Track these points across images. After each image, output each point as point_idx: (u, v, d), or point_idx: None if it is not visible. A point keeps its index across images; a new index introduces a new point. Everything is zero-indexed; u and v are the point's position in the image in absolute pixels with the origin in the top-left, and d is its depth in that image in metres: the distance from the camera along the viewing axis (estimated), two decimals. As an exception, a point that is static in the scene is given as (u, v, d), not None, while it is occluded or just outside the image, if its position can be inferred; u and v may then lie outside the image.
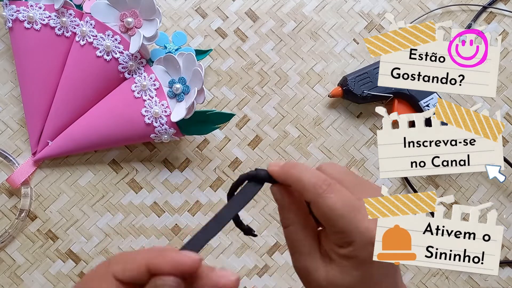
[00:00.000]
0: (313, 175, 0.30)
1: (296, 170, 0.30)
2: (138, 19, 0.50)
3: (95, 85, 0.52)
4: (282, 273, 0.55)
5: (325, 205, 0.29)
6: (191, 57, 0.49)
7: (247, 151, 0.56)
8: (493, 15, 0.60)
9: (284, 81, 0.57)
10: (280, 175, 0.31)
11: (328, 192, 0.29)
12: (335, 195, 0.29)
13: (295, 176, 0.30)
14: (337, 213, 0.28)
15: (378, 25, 0.59)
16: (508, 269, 0.57)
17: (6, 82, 0.55)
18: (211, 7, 0.57)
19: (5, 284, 0.52)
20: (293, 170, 0.30)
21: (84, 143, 0.52)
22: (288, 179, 0.31)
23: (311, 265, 0.31)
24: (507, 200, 0.58)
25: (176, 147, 0.55)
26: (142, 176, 0.55)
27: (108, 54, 0.51)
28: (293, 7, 0.58)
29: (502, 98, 0.59)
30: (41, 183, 0.54)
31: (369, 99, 0.55)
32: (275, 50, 0.58)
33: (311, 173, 0.30)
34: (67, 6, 0.51)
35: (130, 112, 0.51)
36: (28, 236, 0.53)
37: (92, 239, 0.54)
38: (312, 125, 0.57)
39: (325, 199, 0.29)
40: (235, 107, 0.56)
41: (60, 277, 0.53)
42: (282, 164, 0.31)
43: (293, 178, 0.30)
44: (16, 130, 0.54)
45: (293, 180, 0.30)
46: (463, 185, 0.58)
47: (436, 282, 0.56)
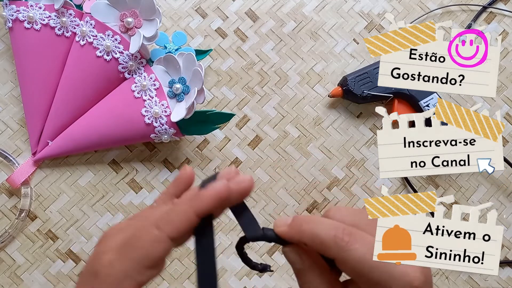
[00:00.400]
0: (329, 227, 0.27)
1: (310, 226, 0.27)
2: (138, 19, 0.50)
3: (95, 85, 0.52)
4: (282, 273, 0.55)
5: (352, 259, 0.26)
6: (191, 57, 0.49)
7: (247, 151, 0.56)
8: (493, 15, 0.60)
9: (284, 81, 0.57)
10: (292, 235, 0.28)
11: (351, 243, 0.26)
12: (359, 245, 0.26)
13: (310, 233, 0.27)
14: (368, 264, 0.26)
15: (378, 25, 0.59)
16: (508, 269, 0.57)
17: (6, 82, 0.55)
18: (211, 7, 0.57)
19: (5, 284, 0.52)
20: (306, 226, 0.27)
21: (84, 143, 0.52)
22: (303, 238, 0.27)
23: None
24: (507, 200, 0.58)
25: (176, 147, 0.55)
26: (142, 176, 0.55)
27: (108, 54, 0.51)
28: (293, 7, 0.58)
29: (502, 98, 0.59)
30: (41, 183, 0.54)
31: (369, 99, 0.55)
32: (275, 50, 0.58)
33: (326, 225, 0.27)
34: (67, 6, 0.51)
35: (130, 112, 0.51)
36: (28, 236, 0.53)
37: (92, 239, 0.54)
38: (312, 125, 0.57)
39: (352, 252, 0.26)
40: (235, 107, 0.56)
41: (60, 277, 0.53)
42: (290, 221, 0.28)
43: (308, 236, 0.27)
44: (16, 130, 0.54)
45: (309, 238, 0.27)
46: (463, 185, 0.58)
47: (436, 282, 0.56)
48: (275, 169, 0.56)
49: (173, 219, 0.26)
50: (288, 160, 0.56)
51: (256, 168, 0.56)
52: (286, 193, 0.56)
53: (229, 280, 0.54)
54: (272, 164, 0.56)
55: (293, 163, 0.56)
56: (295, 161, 0.56)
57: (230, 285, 0.54)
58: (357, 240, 0.26)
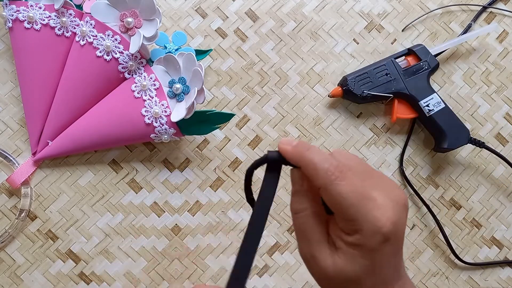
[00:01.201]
0: (326, 160, 0.30)
1: (310, 152, 0.30)
2: (138, 19, 0.50)
3: (95, 85, 0.52)
4: (282, 273, 0.54)
5: (336, 192, 0.29)
6: (191, 57, 0.49)
7: (247, 151, 0.56)
8: (493, 15, 0.60)
9: (284, 81, 0.57)
10: (293, 155, 0.31)
11: (340, 179, 0.29)
12: (346, 183, 0.29)
13: (308, 159, 0.30)
14: (348, 201, 0.28)
15: (378, 25, 0.59)
16: (508, 269, 0.57)
17: (6, 82, 0.55)
18: (211, 7, 0.57)
19: (5, 284, 0.52)
20: (307, 152, 0.30)
21: (84, 143, 0.52)
22: (301, 161, 0.30)
23: (319, 254, 0.30)
24: (507, 200, 0.58)
25: (176, 147, 0.55)
26: (142, 176, 0.55)
27: (108, 54, 0.51)
28: (293, 7, 0.58)
29: (502, 98, 0.59)
30: (41, 183, 0.54)
31: (369, 99, 0.55)
32: (275, 50, 0.58)
33: (324, 157, 0.30)
34: (67, 6, 0.51)
35: (130, 112, 0.51)
36: (28, 236, 0.53)
37: (92, 239, 0.54)
38: (312, 125, 0.57)
39: (337, 186, 0.29)
40: (235, 107, 0.56)
41: (60, 277, 0.53)
42: (295, 143, 0.31)
43: (305, 161, 0.30)
44: (16, 130, 0.54)
45: (306, 162, 0.30)
46: (463, 185, 0.58)
47: (436, 282, 0.56)
48: (275, 169, 0.56)
49: None
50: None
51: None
52: (286, 193, 0.56)
53: (229, 280, 0.54)
54: (272, 164, 0.56)
55: (293, 163, 0.56)
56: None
57: (230, 285, 0.54)
58: (345, 178, 0.29)
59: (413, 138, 0.58)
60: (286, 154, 0.31)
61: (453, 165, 0.58)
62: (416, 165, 0.57)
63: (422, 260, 0.56)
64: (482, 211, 0.58)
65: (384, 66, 0.55)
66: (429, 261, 0.56)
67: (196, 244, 0.54)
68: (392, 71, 0.55)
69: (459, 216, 0.57)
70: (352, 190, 0.29)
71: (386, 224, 0.28)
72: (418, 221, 0.57)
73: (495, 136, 0.59)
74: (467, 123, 0.58)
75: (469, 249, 0.57)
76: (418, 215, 0.57)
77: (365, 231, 0.28)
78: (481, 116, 0.59)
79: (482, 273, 0.57)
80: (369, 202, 0.29)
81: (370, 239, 0.28)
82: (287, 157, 0.31)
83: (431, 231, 0.57)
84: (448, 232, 0.57)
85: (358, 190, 0.29)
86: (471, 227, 0.57)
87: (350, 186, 0.29)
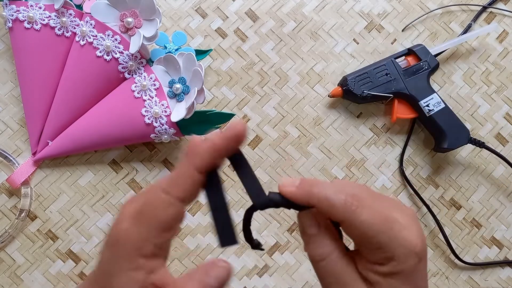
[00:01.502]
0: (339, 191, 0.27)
1: (319, 188, 0.28)
2: (138, 19, 0.50)
3: (95, 85, 0.52)
4: (282, 273, 0.54)
5: (359, 222, 0.27)
6: (191, 57, 0.49)
7: (247, 151, 0.56)
8: (493, 15, 0.60)
9: (284, 81, 0.57)
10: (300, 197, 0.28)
11: (361, 207, 0.27)
12: (367, 211, 0.27)
13: (320, 196, 0.27)
14: (375, 228, 0.26)
15: (378, 25, 0.59)
16: (508, 269, 0.57)
17: (6, 82, 0.55)
18: (211, 7, 0.57)
19: (5, 284, 0.52)
20: (316, 189, 0.28)
21: (84, 143, 0.52)
22: (312, 200, 0.28)
23: None
24: (507, 200, 0.58)
25: (176, 147, 0.55)
26: (142, 176, 0.55)
27: (108, 54, 0.51)
28: (293, 7, 0.58)
29: (502, 98, 0.59)
30: (41, 183, 0.54)
31: (369, 99, 0.55)
32: (275, 50, 0.58)
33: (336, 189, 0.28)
34: (67, 6, 0.51)
35: (130, 112, 0.51)
36: (28, 236, 0.53)
37: (92, 239, 0.54)
38: (312, 125, 0.57)
39: (360, 216, 0.27)
40: (235, 107, 0.56)
41: (60, 277, 0.53)
42: (298, 182, 0.28)
43: (317, 198, 0.27)
44: (16, 130, 0.54)
45: (318, 200, 0.27)
46: (463, 185, 0.58)
47: (436, 282, 0.56)
48: (275, 169, 0.56)
49: (177, 181, 0.27)
50: (288, 160, 0.56)
51: (256, 168, 0.56)
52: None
53: (229, 280, 0.54)
54: (272, 164, 0.56)
55: (293, 163, 0.56)
56: (295, 161, 0.56)
57: (230, 285, 0.54)
58: (364, 206, 0.27)
59: (413, 138, 0.58)
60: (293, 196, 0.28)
61: (453, 165, 0.58)
62: (416, 165, 0.57)
63: (422, 260, 0.56)
64: (482, 211, 0.58)
65: (384, 66, 0.55)
66: (429, 261, 0.56)
67: (196, 244, 0.54)
68: (392, 71, 0.55)
69: (459, 216, 0.57)
70: (375, 216, 0.27)
71: (418, 243, 0.27)
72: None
73: (495, 136, 0.59)
74: (467, 123, 0.58)
75: (469, 249, 0.57)
76: (418, 215, 0.57)
77: (399, 256, 0.27)
78: (481, 116, 0.59)
79: (482, 273, 0.57)
80: (394, 225, 0.27)
81: (406, 263, 0.27)
82: (295, 199, 0.28)
83: (431, 231, 0.57)
84: (448, 232, 0.57)
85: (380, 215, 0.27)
86: (471, 227, 0.57)
87: (372, 212, 0.27)
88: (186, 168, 0.27)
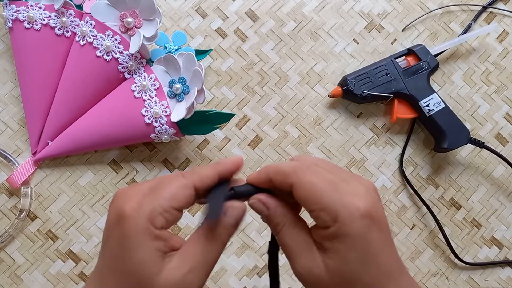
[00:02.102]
0: (291, 162, 0.31)
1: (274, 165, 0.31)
2: (138, 19, 0.50)
3: (95, 85, 0.52)
4: (282, 273, 0.54)
5: (306, 183, 0.28)
6: (191, 57, 0.49)
7: (247, 151, 0.56)
8: (493, 15, 0.60)
9: (284, 81, 0.57)
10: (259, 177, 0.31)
11: (309, 173, 0.29)
12: (316, 174, 0.29)
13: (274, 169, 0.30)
14: (319, 188, 0.28)
15: (378, 25, 0.59)
16: (508, 269, 0.57)
17: (6, 82, 0.55)
18: (211, 7, 0.57)
19: (5, 284, 0.52)
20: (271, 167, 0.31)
21: (84, 143, 0.52)
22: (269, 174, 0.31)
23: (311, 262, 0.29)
24: (507, 200, 0.58)
25: (176, 147, 0.55)
26: (142, 176, 0.55)
27: (108, 54, 0.51)
28: (293, 7, 0.58)
29: (502, 98, 0.59)
30: (41, 183, 0.54)
31: (369, 99, 0.55)
32: (275, 50, 0.58)
33: (289, 162, 0.31)
34: (67, 6, 0.51)
35: (130, 112, 0.51)
36: (28, 236, 0.53)
37: (92, 239, 0.54)
38: (312, 125, 0.57)
39: (307, 178, 0.29)
40: (235, 107, 0.56)
41: (60, 277, 0.53)
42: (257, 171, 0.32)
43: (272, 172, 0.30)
44: (16, 130, 0.54)
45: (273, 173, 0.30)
46: (463, 185, 0.58)
47: (436, 282, 0.56)
48: (275, 169, 0.56)
49: (198, 171, 0.30)
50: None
51: (256, 168, 0.56)
52: (286, 193, 0.56)
53: (229, 280, 0.54)
54: (272, 164, 0.56)
55: (293, 163, 0.56)
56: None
57: (230, 285, 0.54)
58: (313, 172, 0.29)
59: (413, 138, 0.58)
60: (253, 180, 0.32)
61: (453, 165, 0.58)
62: (416, 165, 0.57)
63: (422, 260, 0.56)
64: (482, 211, 0.58)
65: (384, 66, 0.55)
66: (429, 261, 0.56)
67: (196, 244, 0.54)
68: (392, 71, 0.55)
69: (459, 216, 0.57)
70: (321, 180, 0.29)
71: (362, 206, 0.27)
72: (418, 221, 0.57)
73: (495, 136, 0.59)
74: (467, 123, 0.58)
75: (469, 249, 0.57)
76: (418, 215, 0.57)
77: (343, 217, 0.27)
78: (481, 116, 0.59)
79: (482, 273, 0.57)
80: (341, 188, 0.28)
81: (351, 226, 0.27)
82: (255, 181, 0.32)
83: (431, 231, 0.57)
84: (448, 232, 0.57)
85: (328, 179, 0.29)
86: (471, 227, 0.57)
87: (320, 176, 0.29)
88: (210, 168, 0.31)
